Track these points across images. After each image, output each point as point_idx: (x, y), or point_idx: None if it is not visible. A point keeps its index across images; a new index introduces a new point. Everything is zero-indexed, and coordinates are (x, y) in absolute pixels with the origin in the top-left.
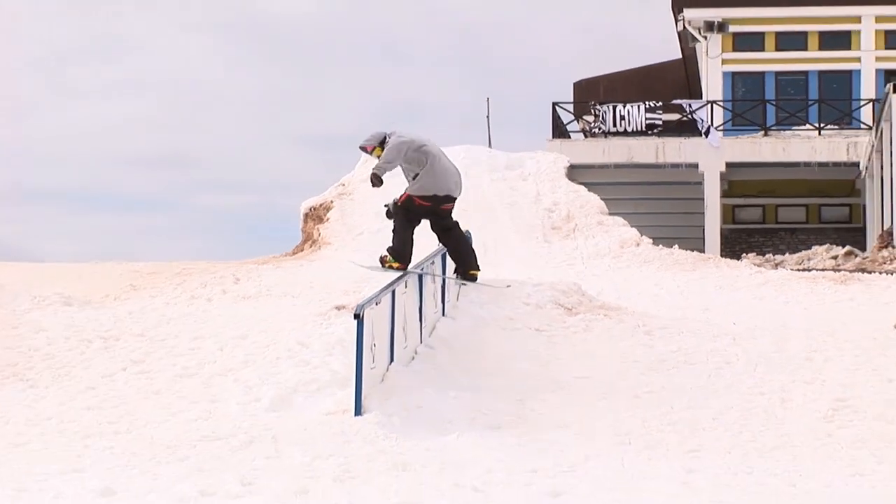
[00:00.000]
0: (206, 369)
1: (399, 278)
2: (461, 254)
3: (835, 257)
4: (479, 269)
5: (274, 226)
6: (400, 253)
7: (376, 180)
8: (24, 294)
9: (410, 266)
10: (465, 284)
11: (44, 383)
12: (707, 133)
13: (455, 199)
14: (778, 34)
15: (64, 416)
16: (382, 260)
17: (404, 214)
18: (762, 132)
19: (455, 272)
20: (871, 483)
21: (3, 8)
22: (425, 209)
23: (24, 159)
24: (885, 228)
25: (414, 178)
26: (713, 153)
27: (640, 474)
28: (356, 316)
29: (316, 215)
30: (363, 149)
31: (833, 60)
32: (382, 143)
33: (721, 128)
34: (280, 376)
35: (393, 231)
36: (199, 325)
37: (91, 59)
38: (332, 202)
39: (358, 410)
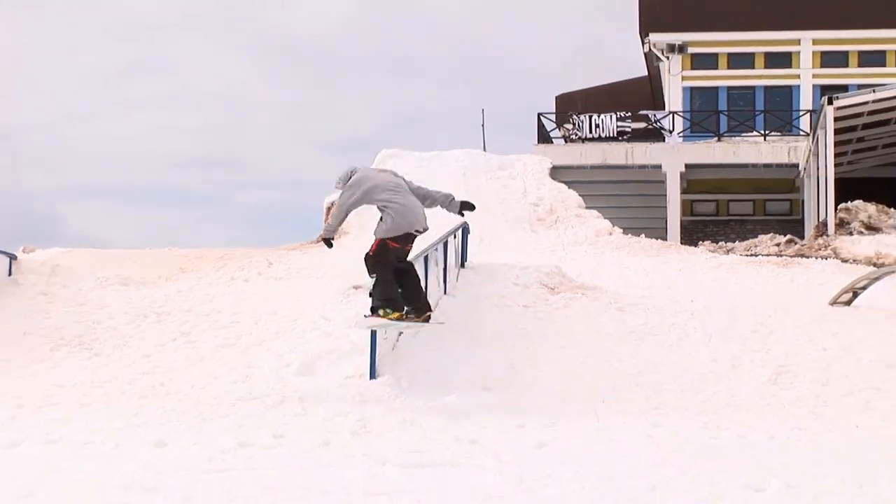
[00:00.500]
0: (244, 340)
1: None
2: (417, 294)
3: (778, 244)
4: (431, 311)
5: (301, 218)
6: (392, 300)
7: (327, 245)
8: (89, 276)
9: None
10: (419, 326)
11: (106, 352)
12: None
13: (422, 232)
14: (730, 55)
15: (123, 379)
16: (375, 311)
17: (381, 261)
18: (716, 138)
19: (407, 313)
20: (808, 436)
21: (77, 29)
22: (397, 250)
23: (93, 159)
24: (820, 220)
25: (381, 220)
26: (674, 155)
27: (612, 428)
28: (371, 294)
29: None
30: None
31: (776, 77)
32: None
33: (681, 134)
34: (306, 346)
35: (374, 283)
36: (237, 303)
37: (148, 74)
38: None
39: (372, 374)
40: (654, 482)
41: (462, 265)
